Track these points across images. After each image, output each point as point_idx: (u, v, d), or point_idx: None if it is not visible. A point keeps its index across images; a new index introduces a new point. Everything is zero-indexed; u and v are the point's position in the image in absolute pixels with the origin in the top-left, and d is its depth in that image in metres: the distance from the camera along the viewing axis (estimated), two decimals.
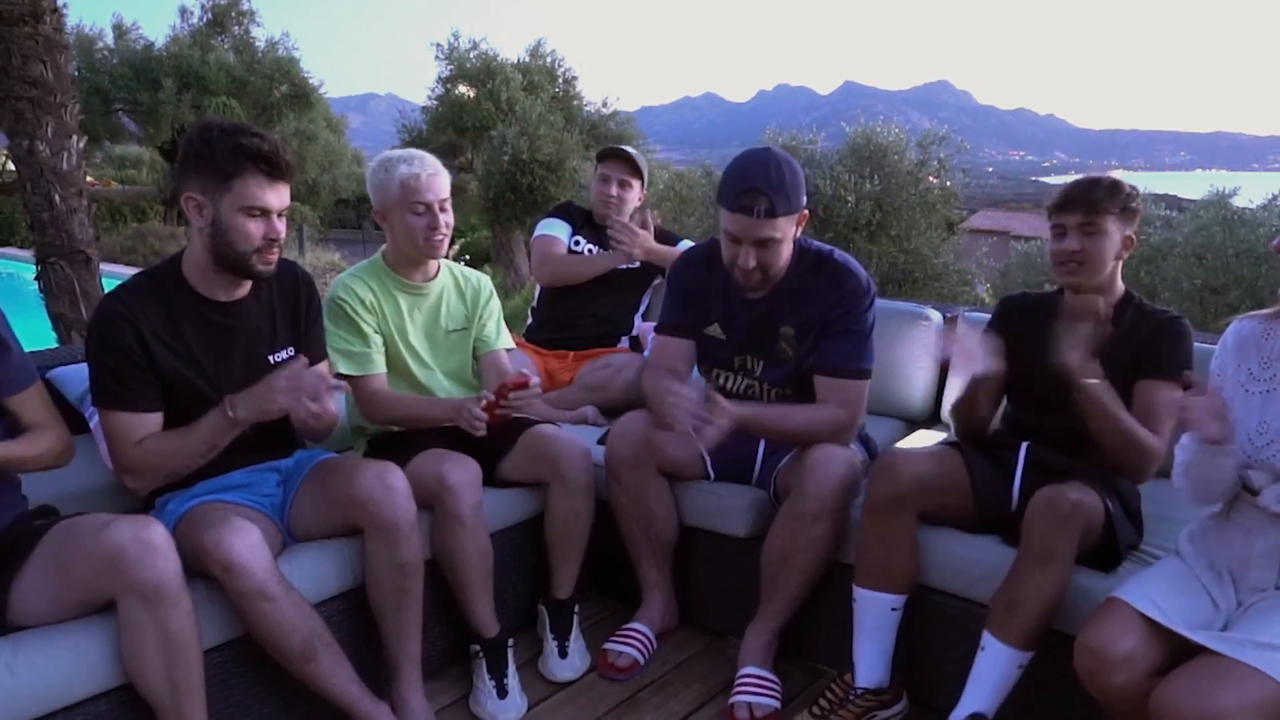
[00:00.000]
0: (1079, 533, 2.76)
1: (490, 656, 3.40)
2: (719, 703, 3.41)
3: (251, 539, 2.73)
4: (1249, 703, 2.18)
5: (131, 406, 2.86)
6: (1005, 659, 2.86)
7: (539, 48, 27.69)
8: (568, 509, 3.58)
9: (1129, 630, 2.45)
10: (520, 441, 3.62)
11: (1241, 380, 2.54)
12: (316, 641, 2.85)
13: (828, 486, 3.23)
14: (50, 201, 8.06)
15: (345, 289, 3.52)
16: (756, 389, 3.61)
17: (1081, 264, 3.12)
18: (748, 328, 3.56)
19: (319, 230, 29.79)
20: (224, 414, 2.82)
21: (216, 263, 2.91)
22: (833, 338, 3.41)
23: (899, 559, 3.12)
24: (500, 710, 3.32)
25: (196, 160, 2.81)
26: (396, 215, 3.48)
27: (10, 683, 2.42)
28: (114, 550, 2.46)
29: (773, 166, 3.23)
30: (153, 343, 2.87)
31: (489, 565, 3.39)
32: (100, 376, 2.84)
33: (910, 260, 13.94)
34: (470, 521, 3.29)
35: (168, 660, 2.55)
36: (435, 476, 3.28)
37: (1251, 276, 11.08)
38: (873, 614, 3.17)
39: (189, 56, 30.37)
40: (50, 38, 7.88)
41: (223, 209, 2.81)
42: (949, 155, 14.52)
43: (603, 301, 4.97)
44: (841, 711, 3.14)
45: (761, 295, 3.50)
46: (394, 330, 3.58)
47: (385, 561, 3.04)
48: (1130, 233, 3.14)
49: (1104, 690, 2.45)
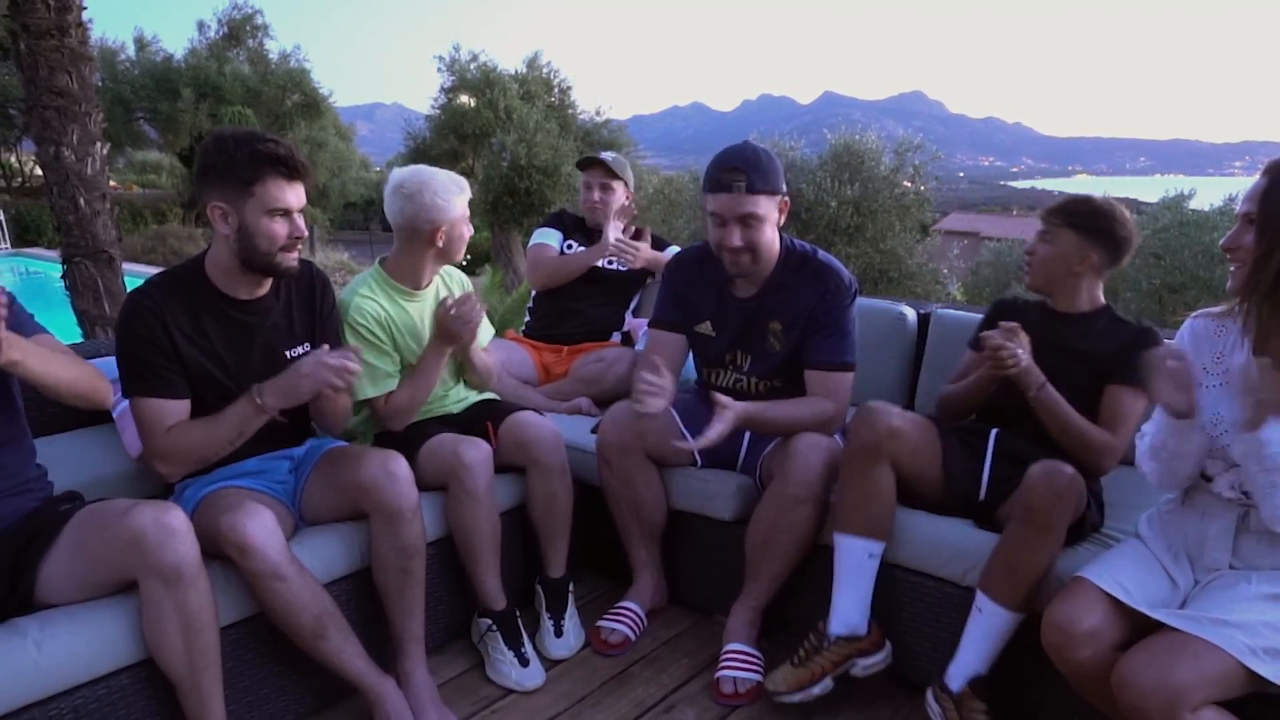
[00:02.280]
0: (1074, 504, 2.79)
1: (504, 629, 3.42)
2: (705, 677, 3.42)
3: (265, 523, 2.74)
4: (1205, 676, 2.20)
5: (160, 393, 2.85)
6: (1002, 620, 2.87)
7: (535, 59, 27.69)
8: (545, 490, 3.60)
9: (1094, 608, 2.47)
10: (498, 431, 3.63)
11: (1196, 374, 2.54)
12: (326, 619, 2.86)
13: (810, 472, 3.24)
14: (75, 204, 8.07)
15: (359, 311, 3.47)
16: (745, 383, 3.61)
17: (1030, 265, 3.30)
18: (738, 325, 3.57)
19: (329, 232, 29.82)
20: (251, 402, 2.83)
21: (243, 264, 2.91)
22: (819, 334, 3.44)
23: (875, 504, 3.12)
24: (526, 678, 3.36)
25: (217, 171, 2.80)
26: (453, 229, 3.50)
27: (38, 658, 2.42)
28: (136, 533, 2.47)
29: (749, 150, 3.32)
30: (178, 336, 2.87)
31: (498, 540, 3.41)
32: (130, 366, 2.84)
33: (886, 260, 13.95)
34: (484, 498, 3.32)
35: (186, 637, 2.56)
36: (452, 455, 3.30)
37: (1207, 276, 11.13)
38: (851, 559, 3.16)
39: (206, 68, 30.44)
40: (75, 50, 7.89)
41: (248, 214, 2.81)
42: (923, 162, 14.55)
43: (596, 300, 4.97)
44: (818, 658, 3.14)
45: (751, 293, 3.53)
46: (406, 334, 3.57)
47: (389, 544, 3.05)
48: (1095, 255, 3.17)
49: (1070, 664, 2.47)
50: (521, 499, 3.71)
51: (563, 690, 3.36)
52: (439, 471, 3.34)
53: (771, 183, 3.31)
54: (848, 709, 3.24)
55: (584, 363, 4.67)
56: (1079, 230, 3.16)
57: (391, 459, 3.08)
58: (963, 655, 2.99)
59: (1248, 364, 2.24)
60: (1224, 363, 2.50)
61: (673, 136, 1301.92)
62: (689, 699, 3.32)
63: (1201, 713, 2.19)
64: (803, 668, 3.15)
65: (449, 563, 3.45)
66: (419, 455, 3.36)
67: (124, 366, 2.84)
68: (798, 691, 3.13)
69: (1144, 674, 2.24)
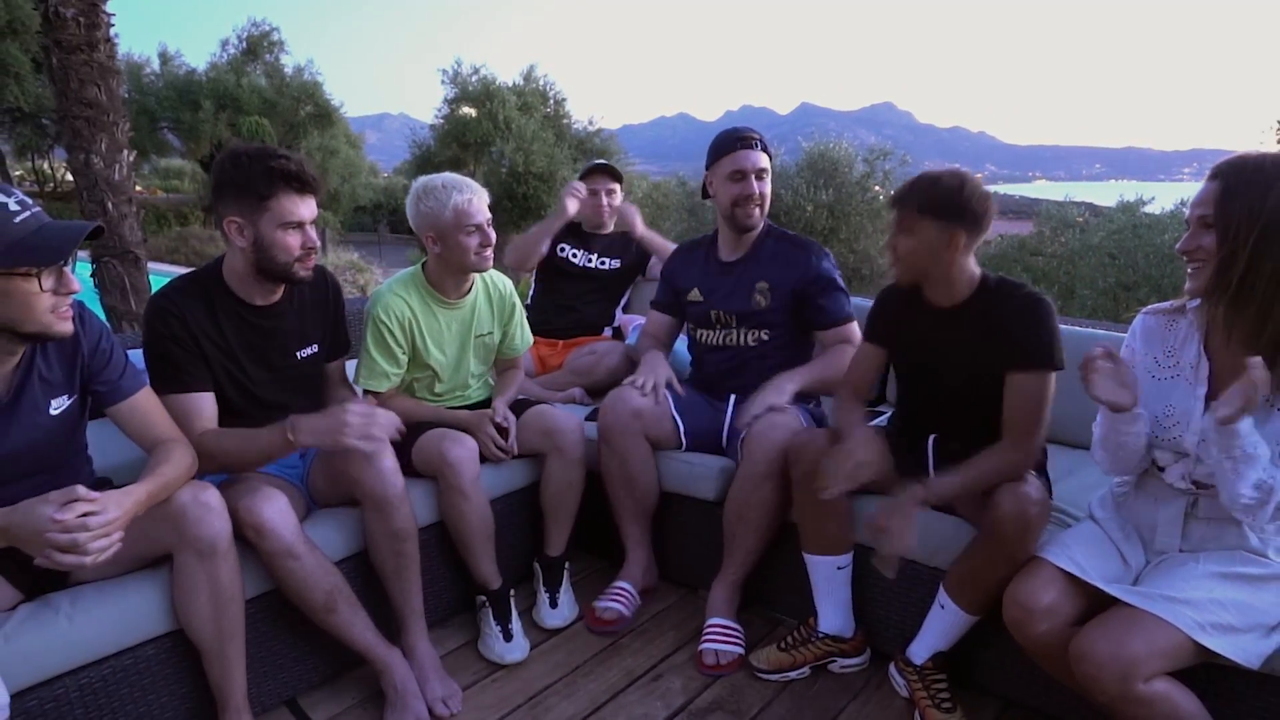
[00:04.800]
0: (1042, 528, 2.69)
1: (496, 606, 3.42)
2: (691, 648, 3.43)
3: (279, 505, 2.74)
4: (1156, 649, 2.22)
5: (188, 388, 2.84)
6: (963, 619, 2.88)
7: (532, 73, 27.78)
8: (563, 478, 3.59)
9: (1051, 585, 2.48)
10: (522, 419, 3.62)
11: (1149, 368, 2.54)
12: (337, 595, 2.86)
13: (772, 450, 3.26)
14: (104, 208, 8.08)
15: (385, 309, 3.45)
16: (734, 336, 3.75)
17: (895, 261, 2.93)
18: (725, 286, 3.75)
19: (339, 234, 29.81)
20: (284, 434, 2.78)
21: (259, 274, 2.90)
22: (817, 299, 3.64)
23: (832, 526, 3.13)
24: (507, 652, 3.35)
25: (233, 186, 2.79)
26: (451, 237, 3.40)
27: (69, 630, 2.44)
28: (176, 510, 2.50)
29: (746, 126, 3.69)
30: (200, 337, 2.87)
31: (490, 529, 3.39)
32: (157, 365, 2.82)
33: (858, 260, 14.03)
34: (470, 492, 3.29)
35: (216, 607, 2.59)
36: (437, 454, 3.28)
37: (1158, 275, 11.20)
38: (822, 574, 3.21)
39: (225, 81, 30.50)
40: (104, 64, 7.90)
41: (263, 227, 2.80)
42: (893, 168, 14.65)
43: (590, 298, 5.00)
44: (803, 648, 3.20)
45: (737, 257, 3.78)
46: (429, 340, 3.55)
47: (381, 530, 3.04)
48: (961, 236, 2.76)
49: (1030, 638, 2.48)
50: (529, 482, 3.71)
51: (557, 660, 3.37)
52: (428, 467, 3.33)
53: (770, 150, 3.73)
54: (822, 676, 3.25)
55: (577, 355, 4.70)
56: (938, 216, 2.76)
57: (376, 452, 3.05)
58: (925, 637, 3.01)
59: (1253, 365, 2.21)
60: (1174, 356, 2.50)
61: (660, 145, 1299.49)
62: (676, 668, 3.33)
63: (1153, 683, 2.21)
64: (788, 653, 3.21)
65: (448, 542, 3.44)
66: (413, 449, 3.35)
67: (153, 366, 2.82)
68: (778, 673, 3.20)
69: (1099, 647, 2.25)
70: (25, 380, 2.38)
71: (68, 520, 2.12)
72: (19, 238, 2.14)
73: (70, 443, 2.56)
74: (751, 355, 3.72)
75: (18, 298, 2.20)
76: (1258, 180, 2.19)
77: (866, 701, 3.14)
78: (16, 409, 2.36)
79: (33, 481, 2.39)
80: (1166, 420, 2.47)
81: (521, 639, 3.41)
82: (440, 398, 3.72)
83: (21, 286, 2.19)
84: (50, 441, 2.46)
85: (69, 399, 2.49)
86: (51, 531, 2.11)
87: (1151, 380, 2.53)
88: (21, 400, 2.37)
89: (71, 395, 2.50)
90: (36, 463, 2.44)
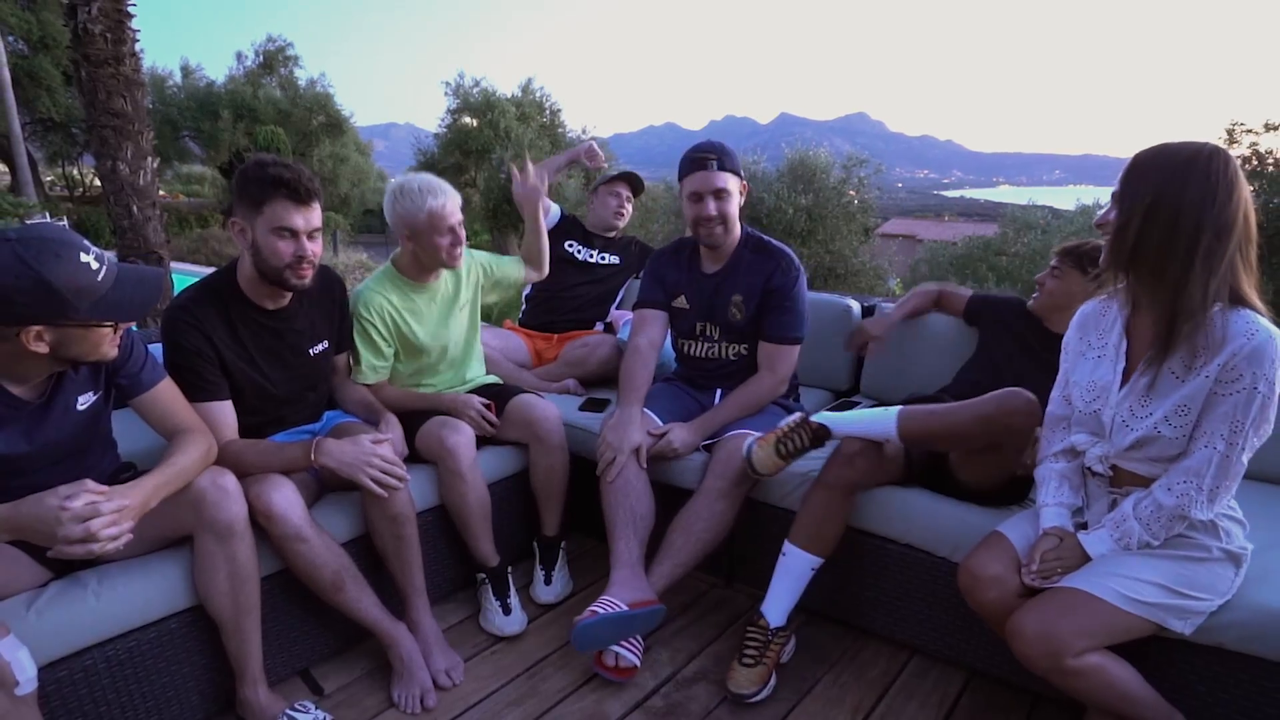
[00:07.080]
0: None
1: (494, 582, 3.44)
2: (675, 624, 3.46)
3: (287, 493, 2.75)
4: (1085, 626, 2.25)
5: (210, 396, 2.85)
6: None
7: (529, 85, 27.75)
8: (545, 464, 3.60)
9: (1001, 557, 2.51)
10: (505, 412, 3.63)
11: (1083, 350, 2.55)
12: (344, 574, 2.87)
13: (732, 471, 3.24)
14: (129, 211, 8.13)
15: (366, 305, 3.46)
16: (716, 349, 3.70)
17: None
18: (706, 298, 3.66)
19: (349, 235, 29.80)
20: (307, 454, 2.82)
21: (261, 276, 2.90)
22: (772, 312, 3.53)
23: (830, 529, 3.04)
24: (506, 624, 3.36)
25: (238, 190, 2.81)
26: (425, 237, 3.41)
27: (97, 606, 2.46)
28: (197, 494, 2.52)
29: (713, 140, 3.52)
30: (220, 346, 2.87)
31: (487, 510, 3.39)
32: (181, 375, 2.78)
33: (834, 260, 14.02)
34: (469, 476, 3.30)
35: (233, 585, 2.61)
36: (437, 440, 3.29)
37: None
38: (795, 567, 3.07)
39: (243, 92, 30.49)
40: (129, 77, 7.95)
41: (258, 231, 2.80)
42: (867, 174, 14.63)
43: (585, 293, 5.00)
44: (768, 652, 3.04)
45: (716, 269, 3.64)
46: (413, 323, 3.56)
47: (379, 514, 3.04)
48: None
49: (980, 604, 2.51)
50: (524, 467, 3.71)
51: (552, 635, 3.39)
52: (429, 453, 3.34)
53: (734, 164, 3.50)
54: (802, 652, 3.27)
55: (571, 348, 4.68)
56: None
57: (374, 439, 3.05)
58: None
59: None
60: (1105, 337, 2.50)
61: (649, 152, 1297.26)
62: (662, 642, 3.34)
63: (1086, 656, 2.23)
64: (760, 665, 3.02)
65: (449, 523, 3.44)
66: (416, 437, 3.37)
67: (175, 377, 2.76)
68: (764, 687, 3.01)
69: (1029, 626, 2.28)
70: (58, 384, 2.41)
71: (77, 508, 2.13)
72: (103, 294, 2.22)
73: (96, 432, 2.58)
74: (734, 368, 3.68)
75: (91, 340, 2.29)
76: (1162, 161, 2.16)
77: (842, 672, 3.16)
78: (49, 409, 2.38)
79: (62, 467, 2.42)
80: (1090, 393, 2.48)
81: (519, 613, 3.42)
82: (442, 388, 3.76)
83: (98, 333, 2.29)
84: (77, 433, 2.48)
85: (95, 394, 2.51)
86: (62, 520, 2.13)
87: (1083, 359, 2.53)
88: (54, 401, 2.40)
89: (97, 391, 2.52)
90: (65, 451, 2.45)
